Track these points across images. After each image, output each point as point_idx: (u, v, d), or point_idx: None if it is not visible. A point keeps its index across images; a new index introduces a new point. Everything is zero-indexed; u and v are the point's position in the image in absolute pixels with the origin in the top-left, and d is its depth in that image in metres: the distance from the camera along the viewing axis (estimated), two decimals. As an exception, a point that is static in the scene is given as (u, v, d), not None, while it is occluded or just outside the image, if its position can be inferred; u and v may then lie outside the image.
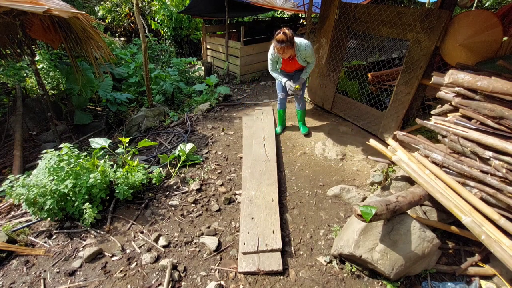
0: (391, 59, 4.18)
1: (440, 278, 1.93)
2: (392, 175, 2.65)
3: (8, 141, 4.46)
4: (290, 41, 2.78)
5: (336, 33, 3.65)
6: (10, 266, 2.07)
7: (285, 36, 2.73)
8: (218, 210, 2.58)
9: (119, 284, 1.92)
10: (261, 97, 5.39)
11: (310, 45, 3.02)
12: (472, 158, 1.96)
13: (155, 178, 2.84)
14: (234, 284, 1.90)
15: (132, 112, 5.31)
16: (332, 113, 4.19)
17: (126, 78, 6.13)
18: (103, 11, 9.53)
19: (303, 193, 2.75)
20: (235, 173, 3.09)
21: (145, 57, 4.12)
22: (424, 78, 2.90)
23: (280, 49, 2.80)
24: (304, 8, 4.73)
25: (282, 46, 2.76)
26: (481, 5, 7.16)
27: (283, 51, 2.83)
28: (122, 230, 2.37)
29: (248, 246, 2.04)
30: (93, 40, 3.86)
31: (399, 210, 1.83)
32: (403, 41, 3.18)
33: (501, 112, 1.79)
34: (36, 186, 2.25)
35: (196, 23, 9.19)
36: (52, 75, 5.50)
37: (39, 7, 2.74)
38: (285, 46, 2.76)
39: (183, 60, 6.72)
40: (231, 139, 3.81)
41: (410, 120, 3.38)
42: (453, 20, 2.61)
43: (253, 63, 6.40)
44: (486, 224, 1.69)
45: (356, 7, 3.34)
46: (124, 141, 2.90)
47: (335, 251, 1.99)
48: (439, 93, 2.22)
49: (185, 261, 2.09)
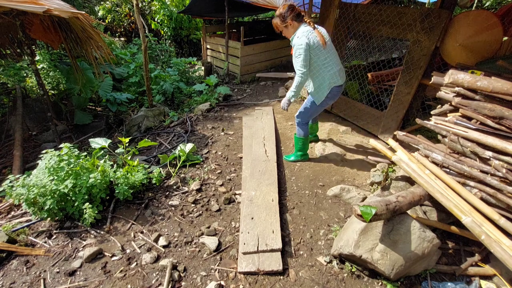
0: (391, 59, 4.18)
1: (440, 278, 1.93)
2: (392, 175, 2.65)
3: (8, 141, 4.46)
4: (280, 16, 2.44)
5: (336, 33, 3.65)
6: (10, 266, 2.07)
7: (278, 10, 2.45)
8: (218, 210, 2.58)
9: (119, 284, 1.92)
10: (261, 97, 5.39)
11: (298, 43, 2.36)
12: (472, 158, 1.96)
13: (155, 178, 2.84)
14: (234, 284, 1.90)
15: (132, 112, 5.31)
16: (332, 113, 4.19)
17: (126, 78, 6.13)
18: (103, 11, 9.53)
19: (303, 193, 2.75)
20: (235, 173, 3.09)
21: (145, 57, 4.12)
22: (424, 78, 2.90)
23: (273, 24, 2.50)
24: (304, 8, 4.73)
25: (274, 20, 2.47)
26: (481, 5, 7.16)
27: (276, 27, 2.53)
28: (122, 230, 2.37)
29: (248, 246, 2.04)
30: (93, 40, 3.86)
31: (399, 210, 1.83)
32: (403, 41, 3.18)
33: (501, 112, 1.79)
34: (36, 186, 2.25)
35: (196, 23, 9.19)
36: (52, 75, 5.50)
37: (39, 7, 2.74)
38: (275, 20, 2.49)
39: (183, 60, 6.72)
40: (231, 139, 3.81)
41: (410, 120, 3.38)
42: (453, 20, 2.61)
43: (253, 63, 6.40)
44: (486, 224, 1.69)
45: (356, 7, 3.34)
46: (124, 141, 2.90)
47: (335, 251, 1.99)
48: (439, 93, 2.22)
49: (185, 261, 2.09)
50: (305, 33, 2.39)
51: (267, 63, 6.71)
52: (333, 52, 2.57)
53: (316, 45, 2.40)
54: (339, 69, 2.57)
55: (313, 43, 2.38)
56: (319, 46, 2.41)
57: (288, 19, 2.42)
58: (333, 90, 2.58)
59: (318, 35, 2.42)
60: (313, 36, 2.39)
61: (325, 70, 2.50)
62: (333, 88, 2.57)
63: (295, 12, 2.42)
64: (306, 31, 2.40)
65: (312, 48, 2.39)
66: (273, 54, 6.71)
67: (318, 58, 2.45)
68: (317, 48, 2.41)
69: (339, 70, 2.57)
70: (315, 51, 2.42)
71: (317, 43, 2.40)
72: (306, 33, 2.39)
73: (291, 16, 2.41)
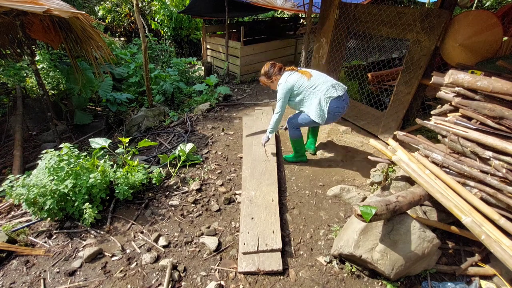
0: (391, 59, 4.18)
1: (440, 278, 1.93)
2: (392, 175, 2.65)
3: (8, 141, 4.46)
4: (265, 75, 2.84)
5: (336, 33, 3.65)
6: (10, 266, 2.07)
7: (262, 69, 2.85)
8: (218, 210, 2.58)
9: (119, 284, 1.92)
10: (261, 97, 5.39)
11: (279, 88, 2.70)
12: (472, 158, 1.95)
13: (155, 178, 2.84)
14: (234, 284, 1.90)
15: (132, 112, 5.31)
16: (332, 113, 4.18)
17: (126, 78, 6.13)
18: (103, 11, 9.53)
19: (303, 193, 2.75)
20: (235, 173, 3.09)
21: (145, 57, 4.12)
22: (424, 78, 2.90)
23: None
24: (304, 8, 4.72)
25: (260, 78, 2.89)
26: (481, 5, 7.16)
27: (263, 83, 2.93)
28: (122, 230, 2.37)
29: (248, 246, 2.04)
30: (93, 40, 3.86)
31: (399, 210, 1.82)
32: (403, 41, 3.18)
33: (501, 112, 1.79)
34: (36, 186, 2.25)
35: (196, 23, 9.19)
36: (52, 75, 5.50)
37: (39, 7, 2.74)
38: (261, 78, 2.89)
39: (183, 60, 6.72)
40: (231, 139, 3.81)
41: (410, 120, 3.38)
42: (453, 20, 2.61)
43: (253, 63, 6.41)
44: (486, 224, 1.69)
45: (356, 7, 3.34)
46: (124, 141, 2.90)
47: (335, 251, 1.99)
48: (439, 93, 2.22)
49: (185, 261, 2.09)
50: (285, 77, 2.70)
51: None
52: (323, 77, 2.71)
53: (296, 80, 2.65)
54: (332, 84, 2.65)
55: (293, 82, 2.65)
56: (300, 79, 2.65)
57: (273, 76, 2.79)
58: (332, 104, 2.62)
59: (300, 72, 2.70)
60: (291, 78, 2.67)
61: (316, 92, 2.64)
62: (332, 102, 2.61)
63: (277, 67, 2.79)
64: (286, 76, 2.71)
65: (292, 86, 2.66)
66: (273, 54, 6.72)
67: (303, 86, 2.66)
68: (299, 81, 2.65)
69: (333, 85, 2.65)
70: (297, 84, 2.66)
71: (297, 79, 2.65)
72: (285, 77, 2.70)
73: (274, 72, 2.78)
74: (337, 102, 2.63)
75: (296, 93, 2.68)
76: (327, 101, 2.60)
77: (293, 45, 7.12)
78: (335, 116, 2.70)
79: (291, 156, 3.19)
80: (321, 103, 2.61)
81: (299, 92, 2.67)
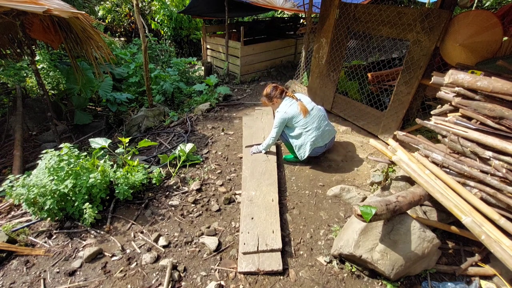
0: (391, 59, 4.18)
1: (440, 278, 1.93)
2: (392, 175, 2.65)
3: (8, 141, 4.46)
4: (266, 96, 2.99)
5: (336, 33, 3.65)
6: (10, 266, 2.07)
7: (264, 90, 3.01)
8: (218, 210, 2.58)
9: (119, 284, 1.92)
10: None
11: (277, 116, 2.86)
12: (472, 158, 1.96)
13: (155, 178, 2.84)
14: (234, 284, 1.90)
15: (132, 112, 5.31)
16: (332, 113, 4.19)
17: (126, 78, 6.13)
18: (103, 11, 9.53)
19: (303, 193, 2.75)
20: (235, 173, 3.09)
21: (145, 57, 4.12)
22: (424, 78, 2.90)
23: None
24: (304, 8, 4.73)
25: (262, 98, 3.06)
26: (481, 5, 7.16)
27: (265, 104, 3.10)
28: (122, 230, 2.37)
29: (248, 246, 2.04)
30: (93, 40, 3.86)
31: (399, 210, 1.83)
32: (403, 41, 3.17)
33: (501, 112, 1.79)
34: (36, 186, 2.25)
35: (196, 23, 9.19)
36: (52, 75, 5.50)
37: (39, 7, 2.74)
38: (263, 99, 3.07)
39: (183, 60, 6.72)
40: (231, 139, 3.81)
41: (410, 120, 3.38)
42: (453, 20, 2.61)
43: (253, 63, 6.40)
44: (486, 224, 1.69)
45: (356, 7, 3.34)
46: (124, 141, 2.90)
47: (335, 251, 1.99)
48: (439, 93, 2.22)
49: (185, 261, 2.09)
50: (285, 107, 2.85)
51: (267, 63, 6.72)
52: (317, 118, 2.86)
53: (294, 115, 2.82)
54: (321, 134, 2.87)
55: (291, 115, 2.81)
56: (297, 115, 2.81)
57: (274, 98, 2.95)
58: (314, 150, 2.93)
59: (299, 106, 2.83)
60: (291, 109, 2.82)
61: (306, 134, 2.86)
62: (316, 148, 2.93)
63: (279, 91, 2.94)
64: (286, 106, 2.85)
65: (289, 118, 2.83)
66: (273, 54, 6.72)
67: (298, 123, 2.84)
68: (296, 117, 2.82)
69: (322, 135, 2.87)
70: (294, 119, 2.83)
71: (295, 113, 2.81)
72: (285, 107, 2.85)
73: (276, 95, 2.93)
74: (319, 148, 2.96)
75: (290, 125, 2.92)
76: (311, 147, 2.87)
77: (293, 45, 7.12)
78: (312, 155, 3.00)
79: (291, 156, 3.19)
80: (305, 147, 2.89)
81: (293, 126, 2.89)
